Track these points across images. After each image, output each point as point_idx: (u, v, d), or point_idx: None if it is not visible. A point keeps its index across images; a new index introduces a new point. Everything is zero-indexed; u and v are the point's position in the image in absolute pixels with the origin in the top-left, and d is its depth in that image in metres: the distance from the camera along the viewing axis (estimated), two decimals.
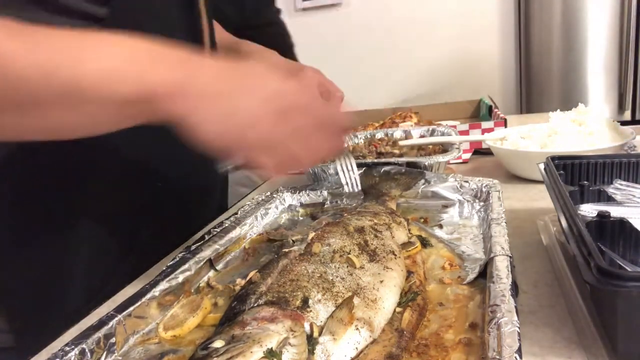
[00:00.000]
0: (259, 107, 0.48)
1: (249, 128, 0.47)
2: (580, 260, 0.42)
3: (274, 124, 0.48)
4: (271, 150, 0.49)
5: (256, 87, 0.49)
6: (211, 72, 0.48)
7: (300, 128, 0.50)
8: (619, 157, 0.67)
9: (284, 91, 0.50)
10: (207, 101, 0.47)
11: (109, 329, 0.51)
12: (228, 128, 0.47)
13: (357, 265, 0.55)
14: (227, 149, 0.49)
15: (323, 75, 0.87)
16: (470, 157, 1.16)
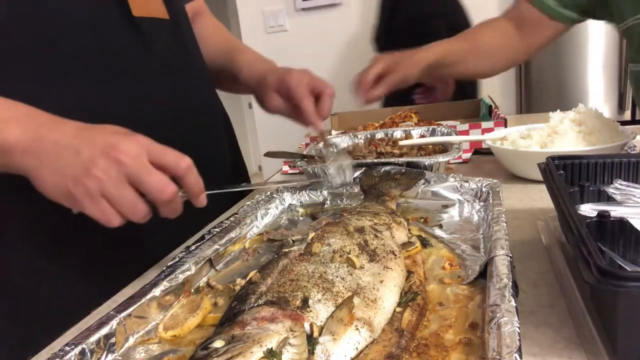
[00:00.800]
0: (85, 164, 0.52)
1: (72, 183, 0.52)
2: (580, 260, 0.42)
3: (96, 180, 0.52)
4: (95, 202, 0.53)
5: (91, 143, 0.54)
6: (57, 133, 0.55)
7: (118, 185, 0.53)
8: (619, 157, 0.67)
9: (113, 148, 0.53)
10: (49, 159, 0.53)
11: (109, 329, 0.51)
12: (60, 182, 0.53)
13: (357, 265, 0.55)
14: (63, 200, 0.55)
15: (311, 74, 0.88)
16: (470, 157, 1.16)
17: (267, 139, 3.17)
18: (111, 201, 0.54)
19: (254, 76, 0.93)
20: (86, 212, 0.54)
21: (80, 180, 0.52)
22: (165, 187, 0.55)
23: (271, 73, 0.90)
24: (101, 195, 0.53)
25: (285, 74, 0.87)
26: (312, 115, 0.85)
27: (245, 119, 4.43)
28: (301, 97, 0.84)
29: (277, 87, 0.88)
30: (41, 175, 0.54)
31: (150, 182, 0.54)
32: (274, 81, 0.87)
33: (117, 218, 0.55)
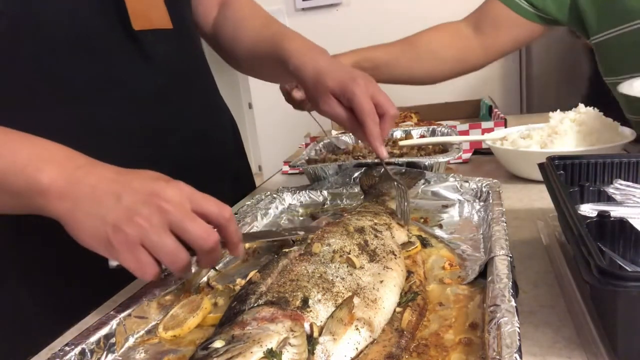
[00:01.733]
0: (127, 211, 0.50)
1: (113, 230, 0.50)
2: (580, 260, 0.42)
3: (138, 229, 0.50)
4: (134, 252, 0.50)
5: (132, 189, 0.52)
6: (95, 176, 0.53)
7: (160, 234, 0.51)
8: (619, 157, 0.67)
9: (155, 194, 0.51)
10: (85, 203, 0.51)
11: (109, 329, 0.51)
12: (99, 228, 0.50)
13: (357, 265, 0.55)
14: (99, 248, 0.52)
15: (377, 86, 0.76)
16: (470, 157, 1.16)
17: (267, 139, 3.17)
18: (152, 250, 0.51)
19: (308, 71, 0.79)
20: (121, 262, 0.51)
21: (121, 227, 0.50)
22: (209, 235, 0.52)
23: (330, 74, 0.77)
24: (141, 244, 0.50)
25: (349, 81, 0.75)
26: (377, 138, 0.74)
27: (245, 119, 4.43)
28: (367, 114, 0.73)
29: (337, 93, 0.76)
30: (76, 219, 0.52)
31: (195, 231, 0.52)
32: (335, 86, 0.75)
33: (155, 269, 0.51)
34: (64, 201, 0.52)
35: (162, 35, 0.83)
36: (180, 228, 0.51)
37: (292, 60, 0.82)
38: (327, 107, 0.77)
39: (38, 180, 0.52)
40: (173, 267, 0.52)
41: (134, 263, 0.51)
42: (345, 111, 0.76)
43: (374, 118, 0.74)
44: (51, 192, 0.52)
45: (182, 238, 0.51)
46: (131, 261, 0.51)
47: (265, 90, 3.04)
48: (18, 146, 0.54)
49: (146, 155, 0.79)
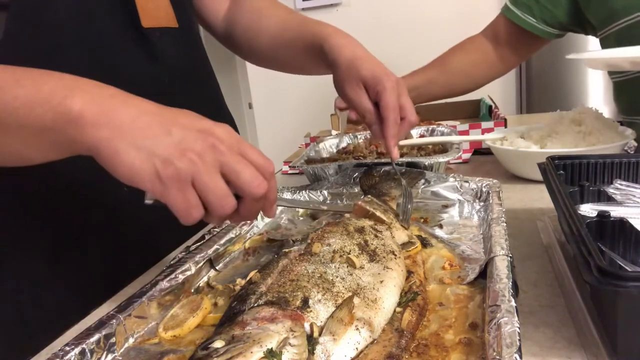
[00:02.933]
0: (178, 145, 0.47)
1: (162, 164, 0.46)
2: (580, 260, 0.42)
3: (190, 164, 0.46)
4: (183, 190, 0.47)
5: (180, 124, 0.48)
6: (135, 108, 0.48)
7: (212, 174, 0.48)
8: (619, 157, 0.67)
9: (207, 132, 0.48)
10: (126, 133, 0.46)
11: (109, 329, 0.51)
12: (144, 162, 0.46)
13: (357, 265, 0.55)
14: (143, 182, 0.47)
15: (405, 91, 0.78)
16: (470, 157, 1.16)
17: (267, 139, 3.18)
18: (203, 190, 0.47)
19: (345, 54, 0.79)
20: (167, 200, 0.47)
21: (172, 161, 0.46)
22: (261, 182, 0.49)
23: (366, 63, 0.77)
24: (191, 182, 0.46)
25: (383, 75, 0.75)
26: (393, 137, 0.75)
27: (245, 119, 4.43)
28: (391, 110, 0.74)
29: (368, 83, 0.76)
30: (117, 150, 0.46)
31: (248, 175, 0.48)
32: (368, 75, 0.76)
33: (200, 212, 0.48)
34: (100, 129, 0.46)
35: (168, 34, 0.83)
36: (234, 170, 0.48)
37: (329, 40, 0.81)
38: (354, 93, 0.77)
39: (68, 108, 0.46)
40: (220, 212, 0.49)
41: (181, 202, 0.47)
42: (370, 102, 0.76)
43: (397, 117, 0.74)
44: (84, 120, 0.46)
45: (233, 181, 0.48)
46: (178, 199, 0.47)
47: (265, 90, 3.06)
48: (42, 77, 0.49)
49: None
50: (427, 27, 2.81)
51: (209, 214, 0.49)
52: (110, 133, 0.46)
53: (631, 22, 1.03)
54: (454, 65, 1.31)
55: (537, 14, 1.19)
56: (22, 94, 0.47)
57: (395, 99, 0.75)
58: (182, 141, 0.47)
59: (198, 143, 0.47)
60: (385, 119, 0.75)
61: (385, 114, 0.74)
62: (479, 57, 1.31)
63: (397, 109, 0.75)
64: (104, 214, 0.76)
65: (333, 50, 0.80)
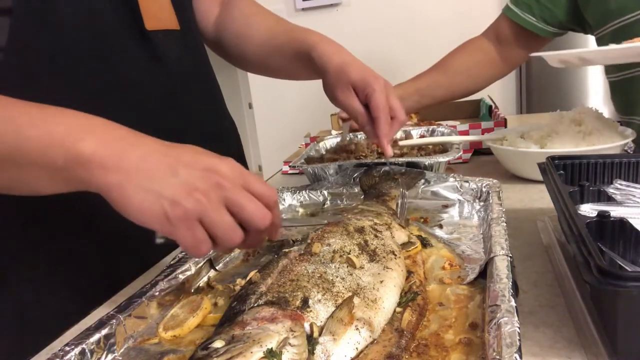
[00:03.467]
0: (185, 186, 0.48)
1: (170, 205, 0.47)
2: (580, 260, 0.42)
3: (197, 204, 0.48)
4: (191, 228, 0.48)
5: (185, 163, 0.50)
6: (142, 149, 0.50)
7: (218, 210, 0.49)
8: (619, 157, 0.67)
9: (211, 170, 0.50)
10: (134, 176, 0.48)
11: (109, 329, 0.51)
12: (153, 203, 0.48)
13: (357, 265, 0.55)
14: (153, 223, 0.49)
15: (393, 92, 0.82)
16: (470, 157, 1.16)
17: (267, 139, 3.17)
18: (210, 226, 0.49)
19: (334, 60, 0.82)
20: (176, 238, 0.49)
21: (179, 202, 0.47)
22: (265, 214, 0.51)
23: (355, 67, 0.81)
24: (198, 219, 0.48)
25: (372, 78, 0.79)
26: (386, 136, 0.79)
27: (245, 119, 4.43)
28: (382, 110, 0.78)
29: (358, 86, 0.80)
30: (126, 193, 0.48)
31: (253, 209, 0.50)
32: (357, 79, 0.79)
33: (208, 246, 0.50)
34: (110, 173, 0.48)
35: (171, 36, 0.83)
36: (238, 205, 0.50)
37: (317, 48, 0.84)
38: (344, 97, 0.80)
39: (79, 151, 0.48)
40: (228, 244, 0.50)
41: (190, 239, 0.49)
42: (361, 105, 0.79)
43: (387, 117, 0.78)
44: (94, 163, 0.48)
45: (238, 215, 0.50)
46: (187, 237, 0.49)
47: (265, 90, 3.06)
48: (53, 118, 0.50)
49: None
50: (427, 27, 2.81)
51: (217, 245, 0.51)
52: (120, 177, 0.48)
53: (625, 23, 1.05)
54: (456, 66, 1.31)
55: (537, 12, 1.20)
56: (36, 136, 0.49)
57: (385, 100, 0.78)
58: (188, 181, 0.48)
59: (203, 182, 0.49)
60: (376, 119, 0.78)
61: (376, 114, 0.78)
62: (481, 57, 1.31)
63: (387, 109, 0.78)
64: (104, 214, 0.75)
65: (322, 57, 0.83)
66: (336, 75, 0.81)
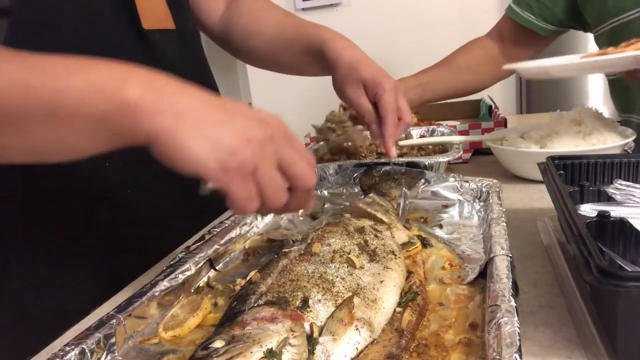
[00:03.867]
0: (243, 135, 0.46)
1: (228, 153, 0.45)
2: (580, 260, 0.42)
3: (254, 155, 0.46)
4: (245, 181, 0.47)
5: (240, 114, 0.48)
6: (192, 96, 0.47)
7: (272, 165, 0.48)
8: (619, 157, 0.67)
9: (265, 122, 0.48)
10: (191, 121, 0.45)
11: (109, 329, 0.51)
12: (210, 152, 0.45)
13: (357, 265, 0.55)
14: (208, 173, 0.46)
15: (401, 93, 0.82)
16: (470, 157, 1.16)
17: None
18: (262, 181, 0.47)
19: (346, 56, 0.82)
20: (229, 191, 0.46)
21: (237, 152, 0.45)
22: (313, 173, 0.50)
23: (367, 65, 0.81)
24: (252, 174, 0.46)
25: (383, 77, 0.80)
26: (391, 136, 0.79)
27: None
28: (390, 110, 0.78)
29: (368, 84, 0.80)
30: (181, 138, 0.44)
31: (302, 167, 0.49)
32: (369, 77, 0.79)
33: (257, 202, 0.48)
34: (162, 117, 0.44)
35: (167, 36, 0.83)
36: (291, 162, 0.48)
37: (329, 43, 0.84)
38: (354, 94, 0.81)
39: (124, 96, 0.44)
40: (275, 203, 0.49)
41: (243, 193, 0.46)
42: (369, 103, 0.80)
43: (395, 117, 0.78)
44: (142, 108, 0.44)
45: (289, 172, 0.49)
46: (241, 191, 0.46)
47: (265, 90, 3.06)
48: (92, 65, 0.46)
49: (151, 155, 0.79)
50: (428, 27, 2.81)
51: (263, 205, 0.48)
52: (173, 120, 0.44)
53: (622, 22, 1.06)
54: (459, 63, 1.31)
55: (537, 11, 1.21)
56: (75, 84, 0.44)
57: (394, 101, 0.78)
58: (245, 130, 0.46)
59: (260, 133, 0.46)
60: (384, 118, 0.78)
61: (384, 114, 0.78)
62: (485, 55, 1.31)
63: (395, 110, 0.78)
64: (105, 215, 0.76)
65: (333, 53, 0.82)
66: (347, 71, 0.81)
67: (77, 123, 0.45)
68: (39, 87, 0.43)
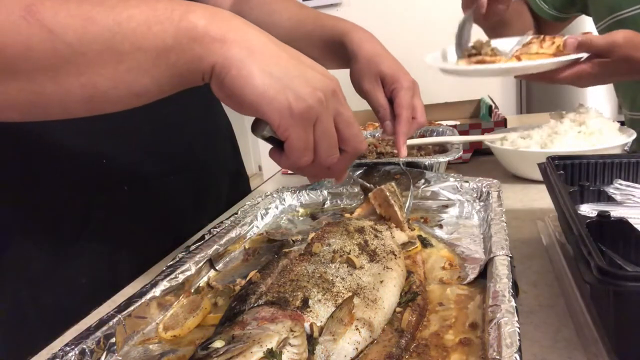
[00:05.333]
0: (310, 83, 0.45)
1: (295, 98, 0.44)
2: (580, 260, 0.42)
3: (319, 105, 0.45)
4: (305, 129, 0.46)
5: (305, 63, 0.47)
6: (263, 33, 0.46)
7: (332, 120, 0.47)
8: (619, 157, 0.67)
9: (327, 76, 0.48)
10: (262, 57, 0.44)
11: (109, 329, 0.51)
12: (279, 92, 0.43)
13: (357, 265, 0.55)
14: (272, 113, 0.44)
15: (418, 92, 0.81)
16: (470, 157, 1.16)
17: None
18: (319, 133, 0.46)
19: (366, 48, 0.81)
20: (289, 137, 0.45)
21: (305, 98, 0.44)
22: (364, 139, 0.51)
23: (387, 60, 0.80)
24: (313, 124, 0.45)
25: (402, 74, 0.79)
26: (404, 134, 0.77)
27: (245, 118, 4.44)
28: (406, 108, 0.77)
29: (387, 79, 0.79)
30: (251, 73, 0.43)
31: (356, 129, 0.49)
32: (388, 72, 0.78)
33: (311, 156, 0.47)
34: (234, 47, 0.43)
35: None
36: (348, 122, 0.48)
37: (350, 34, 0.83)
38: (371, 87, 0.79)
39: (192, 23, 0.42)
40: (327, 160, 0.48)
41: (302, 142, 0.45)
42: (385, 98, 0.79)
43: (409, 116, 0.77)
44: (211, 36, 0.43)
45: (344, 132, 0.49)
46: (301, 138, 0.45)
47: None
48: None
49: (150, 152, 0.79)
50: (428, 27, 2.81)
51: (314, 162, 0.48)
52: (245, 53, 0.43)
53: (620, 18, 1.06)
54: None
55: None
56: (137, 13, 0.42)
57: (410, 99, 0.77)
58: (312, 79, 0.45)
59: (324, 85, 0.46)
60: (398, 116, 0.77)
61: (399, 112, 0.76)
62: None
63: (411, 108, 0.77)
64: (104, 214, 0.76)
65: (354, 44, 0.81)
66: (366, 64, 0.80)
67: (139, 56, 0.42)
68: (99, 19, 0.41)
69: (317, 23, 0.90)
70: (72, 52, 0.41)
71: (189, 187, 0.88)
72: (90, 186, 0.73)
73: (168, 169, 0.72)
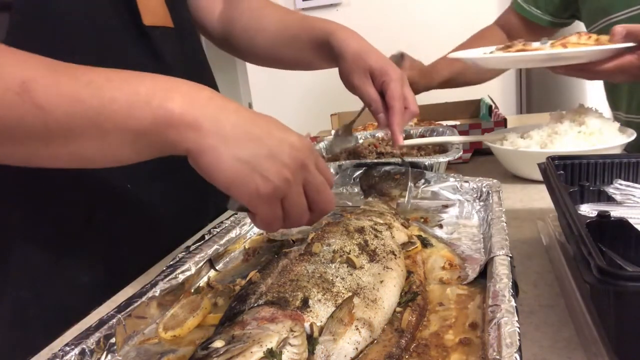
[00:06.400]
0: (279, 161, 0.48)
1: (263, 180, 0.47)
2: (580, 260, 0.42)
3: (286, 183, 0.49)
4: (273, 205, 0.49)
5: (275, 138, 0.49)
6: (233, 114, 0.49)
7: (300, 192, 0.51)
8: (619, 157, 0.67)
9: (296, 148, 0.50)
10: (229, 142, 0.47)
11: (109, 329, 0.51)
12: (247, 176, 0.47)
13: (357, 265, 0.55)
14: (242, 195, 0.48)
15: (407, 83, 0.83)
16: (470, 157, 1.16)
17: None
18: (289, 206, 0.50)
19: (352, 46, 0.83)
20: (258, 212, 0.50)
21: (271, 179, 0.47)
22: (333, 199, 0.54)
23: (374, 55, 0.82)
24: (281, 200, 0.49)
25: (390, 67, 0.81)
26: (398, 124, 0.80)
27: None
28: (397, 99, 0.79)
29: (376, 73, 0.81)
30: (221, 160, 0.46)
31: (327, 194, 0.52)
32: (376, 66, 0.81)
33: (281, 223, 0.51)
34: (205, 136, 0.46)
35: (166, 33, 0.83)
36: (317, 190, 0.51)
37: (335, 34, 0.86)
38: (361, 82, 0.82)
39: (169, 110, 0.46)
40: (297, 224, 0.52)
41: (269, 216, 0.50)
42: (376, 92, 0.81)
43: (402, 106, 0.80)
44: (185, 123, 0.46)
45: (314, 199, 0.52)
46: (268, 214, 0.49)
47: (265, 90, 3.06)
48: (135, 79, 0.48)
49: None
50: (428, 27, 2.81)
51: (285, 223, 0.52)
52: (215, 141, 0.46)
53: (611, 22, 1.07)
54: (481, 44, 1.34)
55: (542, 5, 1.24)
56: (120, 96, 0.46)
57: (401, 90, 0.79)
58: (279, 158, 0.48)
59: (291, 160, 0.49)
60: (391, 107, 0.79)
61: (392, 103, 0.79)
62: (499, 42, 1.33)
63: (402, 98, 0.80)
64: (105, 213, 0.75)
65: (340, 43, 0.84)
66: (354, 60, 0.82)
67: (120, 134, 0.47)
68: (87, 99, 0.45)
69: (303, 25, 0.92)
70: (60, 127, 0.45)
71: (189, 186, 0.88)
72: (92, 187, 0.73)
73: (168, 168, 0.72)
